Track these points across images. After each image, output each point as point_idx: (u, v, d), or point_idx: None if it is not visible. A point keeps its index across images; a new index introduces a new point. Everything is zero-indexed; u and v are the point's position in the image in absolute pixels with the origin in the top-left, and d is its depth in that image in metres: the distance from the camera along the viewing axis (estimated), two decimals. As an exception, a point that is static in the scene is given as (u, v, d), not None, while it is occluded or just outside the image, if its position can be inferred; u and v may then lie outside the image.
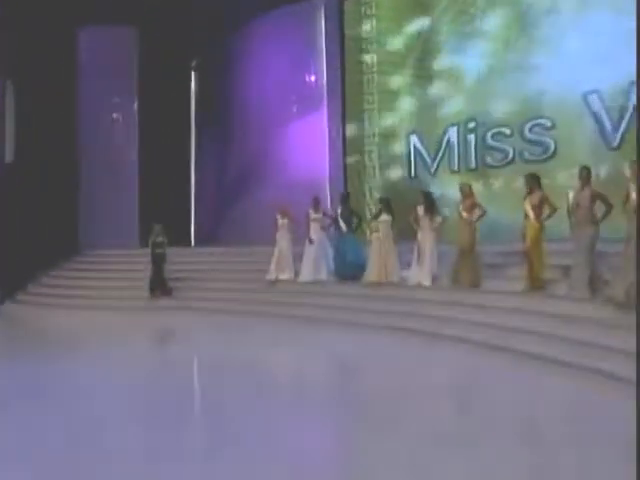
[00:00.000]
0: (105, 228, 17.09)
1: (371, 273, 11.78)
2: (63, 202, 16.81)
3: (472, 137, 13.92)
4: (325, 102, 16.10)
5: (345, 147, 15.86)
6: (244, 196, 17.49)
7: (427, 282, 11.04)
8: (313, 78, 16.35)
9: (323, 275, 12.67)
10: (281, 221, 13.12)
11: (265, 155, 17.10)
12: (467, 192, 10.59)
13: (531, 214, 9.28)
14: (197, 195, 18.86)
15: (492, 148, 13.64)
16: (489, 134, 13.62)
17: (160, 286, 14.01)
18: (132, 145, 17.66)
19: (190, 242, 18.76)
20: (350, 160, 15.91)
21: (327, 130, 16.01)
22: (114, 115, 17.65)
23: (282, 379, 8.46)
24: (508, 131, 13.32)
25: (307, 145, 16.22)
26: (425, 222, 11.20)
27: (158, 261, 13.96)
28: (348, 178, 15.84)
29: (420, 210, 11.27)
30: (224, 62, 18.06)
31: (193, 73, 18.95)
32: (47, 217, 15.96)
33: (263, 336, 10.93)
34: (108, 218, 17.13)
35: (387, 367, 8.36)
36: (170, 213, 17.46)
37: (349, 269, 12.23)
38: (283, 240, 13.06)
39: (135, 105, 17.74)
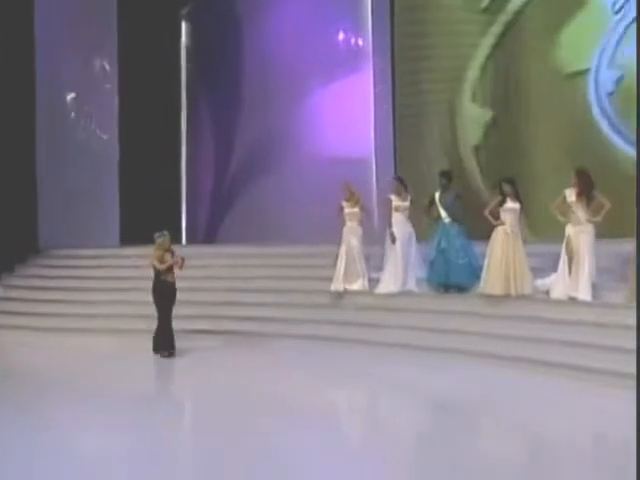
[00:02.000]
0: (76, 223, 13.47)
1: (492, 282, 8.89)
2: (16, 193, 12.97)
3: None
4: (370, 61, 12.97)
5: (396, 117, 12.75)
6: (255, 183, 14.27)
7: (586, 296, 8.26)
8: (351, 31, 13.20)
9: (411, 284, 9.63)
10: (349, 209, 9.95)
11: (283, 130, 13.96)
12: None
13: None
14: (190, 181, 15.39)
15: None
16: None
17: (168, 341, 9.09)
18: (108, 118, 14.24)
19: (180, 240, 15.28)
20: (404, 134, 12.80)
21: (372, 97, 12.87)
22: (84, 80, 14.01)
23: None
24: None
25: (343, 116, 13.09)
26: (579, 211, 8.28)
27: (167, 299, 9.05)
28: (401, 156, 12.75)
29: (571, 194, 8.34)
30: (225, 9, 14.60)
31: (184, 23, 15.37)
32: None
33: (334, 371, 8.40)
34: (80, 210, 13.53)
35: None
36: (156, 202, 14.09)
37: (454, 276, 9.30)
38: (352, 236, 9.96)
39: (112, 66, 14.24)
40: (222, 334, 9.90)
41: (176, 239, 14.73)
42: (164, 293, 8.94)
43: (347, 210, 10.03)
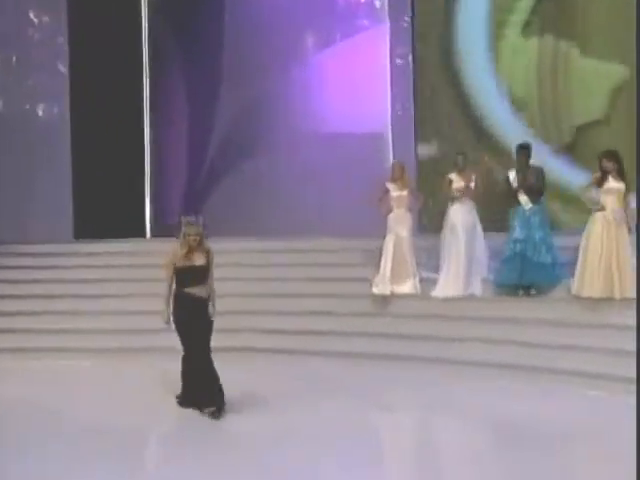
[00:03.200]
0: (19, 214, 11.17)
1: (590, 282, 7.23)
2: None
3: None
4: (386, 17, 11.11)
5: (417, 84, 10.95)
6: (241, 166, 12.12)
7: None
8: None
9: (476, 287, 7.88)
10: (397, 192, 8.13)
11: (276, 101, 11.86)
12: None
13: None
14: (156, 163, 13.11)
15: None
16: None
17: (212, 392, 6.09)
18: (59, 96, 11.93)
19: (144, 233, 13.06)
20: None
21: (388, 61, 11.03)
22: (25, 38, 11.67)
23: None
24: None
25: (351, 83, 11.19)
26: None
27: (199, 327, 6.13)
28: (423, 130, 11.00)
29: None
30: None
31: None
32: None
33: (406, 404, 6.82)
34: (25, 201, 11.20)
35: None
36: (114, 190, 11.91)
37: (531, 275, 7.66)
38: (401, 226, 8.15)
39: (61, 35, 11.91)
40: (240, 351, 7.90)
41: (138, 232, 12.74)
42: (194, 317, 5.99)
43: (395, 193, 8.21)
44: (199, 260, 6.04)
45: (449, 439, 6.01)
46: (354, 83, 11.20)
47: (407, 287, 8.11)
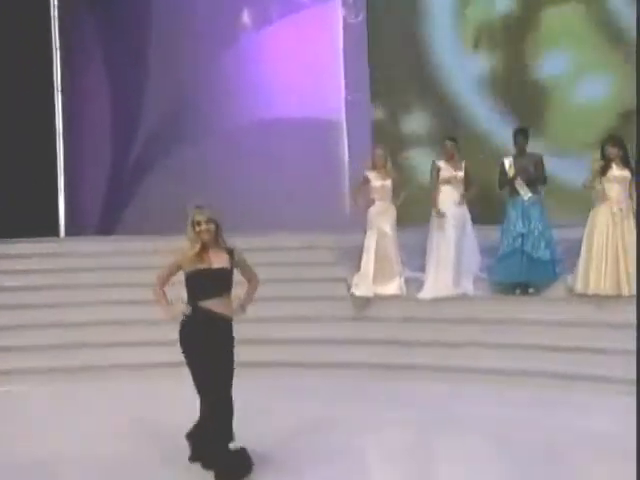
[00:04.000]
0: None
1: (597, 279, 6.78)
2: None
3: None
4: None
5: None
6: (173, 157, 10.93)
7: None
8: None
9: (467, 285, 7.25)
10: (379, 182, 7.37)
11: (210, 86, 10.75)
12: None
13: None
14: (70, 157, 11.68)
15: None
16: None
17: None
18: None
19: (57, 231, 11.66)
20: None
21: (341, 38, 10.21)
22: None
23: None
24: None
25: (299, 64, 10.29)
26: None
27: (217, 359, 4.48)
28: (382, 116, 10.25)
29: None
30: None
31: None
32: None
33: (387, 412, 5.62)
34: None
35: None
36: (23, 185, 10.58)
37: (535, 272, 7.04)
38: (384, 221, 7.34)
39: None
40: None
41: (49, 229, 11.34)
42: (211, 343, 4.41)
43: (377, 183, 7.43)
44: (218, 261, 4.48)
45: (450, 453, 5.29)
46: (302, 63, 10.30)
47: (392, 288, 7.36)
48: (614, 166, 6.84)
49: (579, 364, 6.42)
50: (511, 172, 7.09)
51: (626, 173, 6.83)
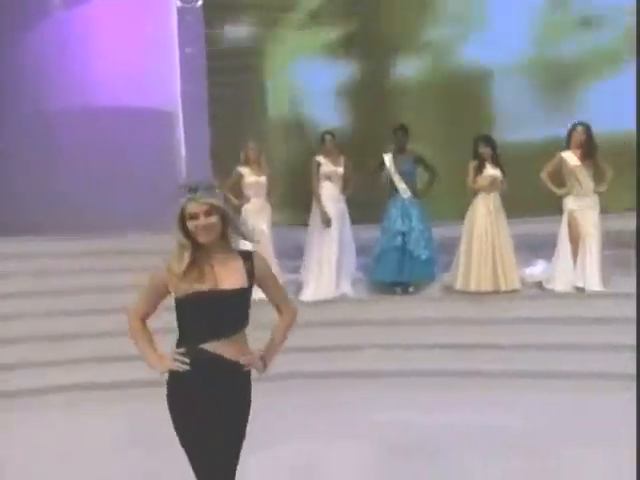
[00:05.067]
0: None
1: (477, 276, 6.89)
2: None
3: None
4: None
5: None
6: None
7: (597, 285, 6.70)
8: None
9: (347, 287, 7.04)
10: (254, 177, 6.99)
11: (11, 71, 9.47)
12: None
13: None
14: None
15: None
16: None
17: None
18: None
19: None
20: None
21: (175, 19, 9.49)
22: None
23: None
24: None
25: (125, 48, 9.38)
26: (586, 179, 6.76)
27: (228, 428, 3.01)
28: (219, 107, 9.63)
29: (571, 157, 6.76)
30: None
31: None
32: None
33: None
34: None
35: None
36: None
37: (414, 271, 6.97)
38: (261, 219, 6.99)
39: None
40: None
41: None
42: (211, 403, 2.94)
43: (251, 179, 6.91)
44: (228, 277, 2.92)
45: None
46: (131, 50, 9.41)
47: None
48: (487, 165, 7.04)
49: (468, 360, 6.46)
50: (392, 169, 6.98)
51: (498, 172, 7.05)
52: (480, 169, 6.95)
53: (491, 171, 6.96)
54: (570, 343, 6.43)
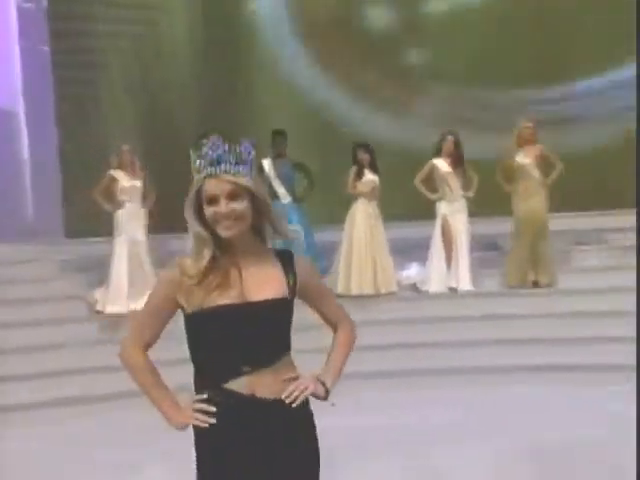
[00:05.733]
0: None
1: (358, 279, 7.02)
2: None
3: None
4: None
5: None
6: None
7: (467, 285, 7.09)
8: None
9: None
10: (128, 182, 6.64)
11: None
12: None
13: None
14: None
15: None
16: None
17: None
18: None
19: None
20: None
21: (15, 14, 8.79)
22: None
23: None
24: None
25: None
26: (456, 185, 7.08)
27: None
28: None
29: (442, 164, 7.06)
30: None
31: None
32: None
33: None
34: None
35: None
36: None
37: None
38: (137, 227, 6.55)
39: None
40: None
41: None
42: (248, 461, 2.15)
43: (125, 184, 6.48)
44: (262, 286, 2.19)
45: None
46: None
47: (118, 304, 6.40)
48: (366, 171, 7.17)
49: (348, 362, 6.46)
50: (271, 173, 6.88)
51: (376, 177, 7.23)
52: (359, 175, 7.09)
53: (370, 177, 7.14)
54: (446, 341, 6.69)
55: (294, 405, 2.16)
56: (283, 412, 2.16)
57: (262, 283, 2.18)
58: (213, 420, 2.12)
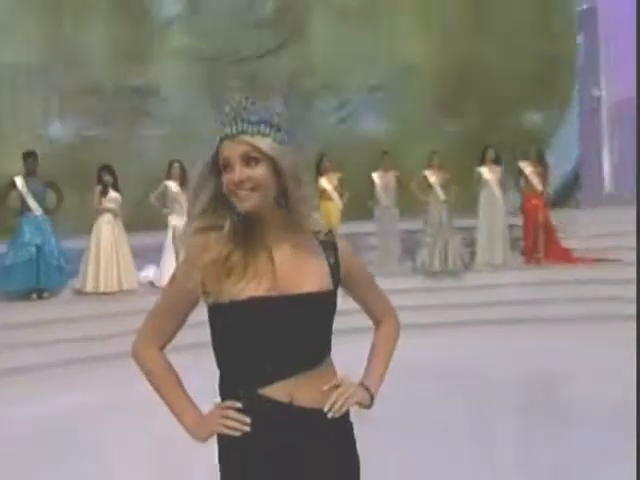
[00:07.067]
0: None
1: (102, 278, 8.50)
2: None
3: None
4: None
5: None
6: None
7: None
8: None
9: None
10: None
11: None
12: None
13: None
14: None
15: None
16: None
17: None
18: None
19: None
20: None
21: None
22: None
23: None
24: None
25: None
26: (183, 201, 8.88)
27: None
28: None
29: (173, 185, 8.93)
30: None
31: None
32: None
33: None
34: None
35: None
36: None
37: (49, 279, 8.35)
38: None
39: None
40: None
41: None
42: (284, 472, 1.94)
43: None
44: (300, 276, 1.94)
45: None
46: None
47: None
48: (110, 190, 8.66)
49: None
50: (24, 189, 8.10)
51: (119, 195, 8.72)
52: (104, 193, 8.59)
53: (114, 194, 8.65)
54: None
55: (337, 416, 1.93)
56: (323, 423, 1.93)
57: (301, 273, 1.91)
58: (247, 428, 1.88)
